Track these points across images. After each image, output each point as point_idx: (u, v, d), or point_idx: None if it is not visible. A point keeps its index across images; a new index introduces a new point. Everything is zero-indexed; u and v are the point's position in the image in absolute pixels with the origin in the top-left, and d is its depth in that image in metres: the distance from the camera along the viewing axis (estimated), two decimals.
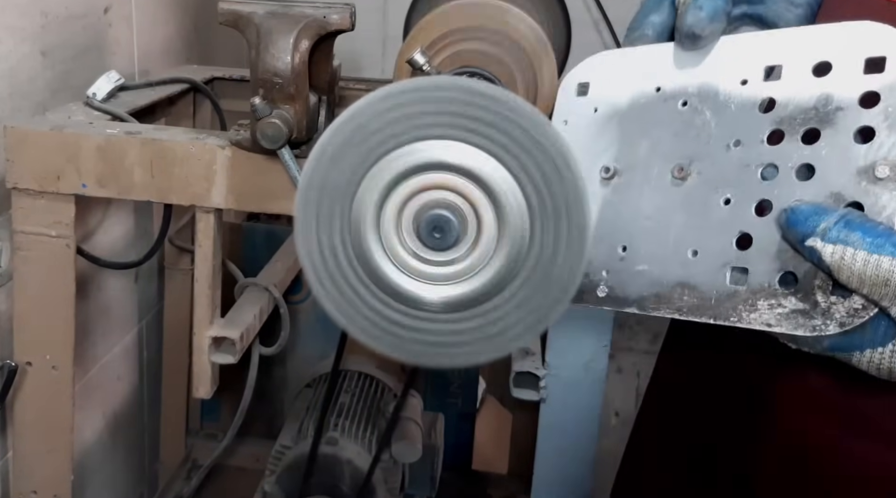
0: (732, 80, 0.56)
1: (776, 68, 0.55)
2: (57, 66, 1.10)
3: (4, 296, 1.02)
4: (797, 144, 0.53)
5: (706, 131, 0.57)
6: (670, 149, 0.58)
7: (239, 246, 1.56)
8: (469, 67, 0.92)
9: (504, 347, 0.52)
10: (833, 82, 0.52)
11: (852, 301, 0.47)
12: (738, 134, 0.55)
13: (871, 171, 0.48)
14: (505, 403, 1.70)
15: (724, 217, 0.55)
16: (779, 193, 0.53)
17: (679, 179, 0.57)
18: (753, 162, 0.54)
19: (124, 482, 1.49)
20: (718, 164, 0.56)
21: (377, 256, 0.51)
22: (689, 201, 0.57)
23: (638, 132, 0.60)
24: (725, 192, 0.55)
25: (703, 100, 0.57)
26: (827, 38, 0.53)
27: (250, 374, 1.18)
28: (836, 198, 0.50)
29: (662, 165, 0.58)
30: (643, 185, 0.59)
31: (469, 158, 0.48)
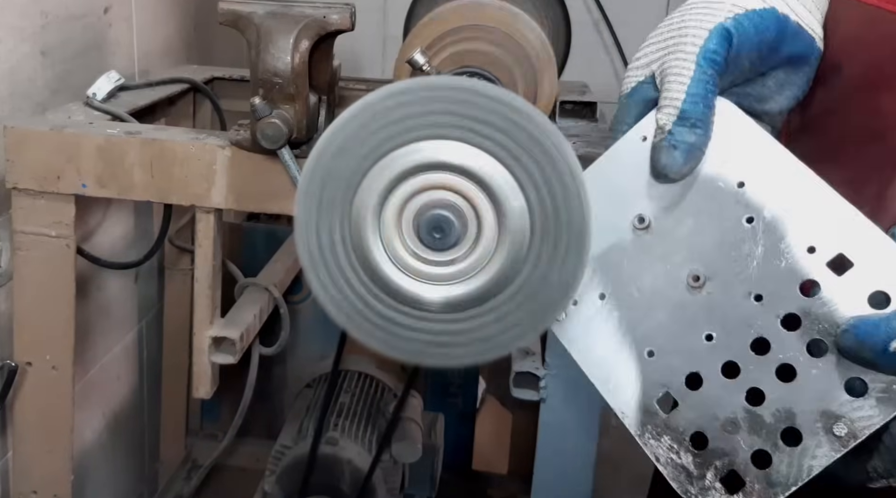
0: (801, 243, 0.51)
1: (846, 262, 0.50)
2: (57, 66, 1.10)
3: (4, 296, 1.02)
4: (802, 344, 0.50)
5: (745, 263, 0.52)
6: (704, 249, 0.54)
7: (239, 246, 1.56)
8: (469, 67, 0.92)
9: (504, 347, 0.52)
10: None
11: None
12: (765, 291, 0.52)
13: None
14: (505, 403, 1.69)
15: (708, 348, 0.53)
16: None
17: (694, 288, 0.54)
18: (757, 325, 0.52)
19: (124, 482, 1.49)
20: (730, 301, 0.53)
21: (377, 256, 0.51)
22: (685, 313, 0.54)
23: (692, 207, 0.54)
24: (714, 328, 0.53)
25: (768, 232, 0.52)
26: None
27: (250, 374, 1.18)
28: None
29: (686, 260, 0.54)
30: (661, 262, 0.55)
31: (470, 159, 0.48)
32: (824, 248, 0.50)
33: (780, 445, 0.50)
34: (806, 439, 0.49)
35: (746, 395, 0.51)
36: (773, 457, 0.50)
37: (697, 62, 0.53)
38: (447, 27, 0.95)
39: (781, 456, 0.50)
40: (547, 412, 1.12)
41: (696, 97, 0.52)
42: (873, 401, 0.48)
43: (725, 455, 0.51)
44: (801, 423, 0.50)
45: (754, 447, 0.51)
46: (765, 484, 0.50)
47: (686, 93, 0.52)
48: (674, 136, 0.52)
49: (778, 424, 0.50)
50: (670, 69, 0.54)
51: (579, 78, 1.38)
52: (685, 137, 0.52)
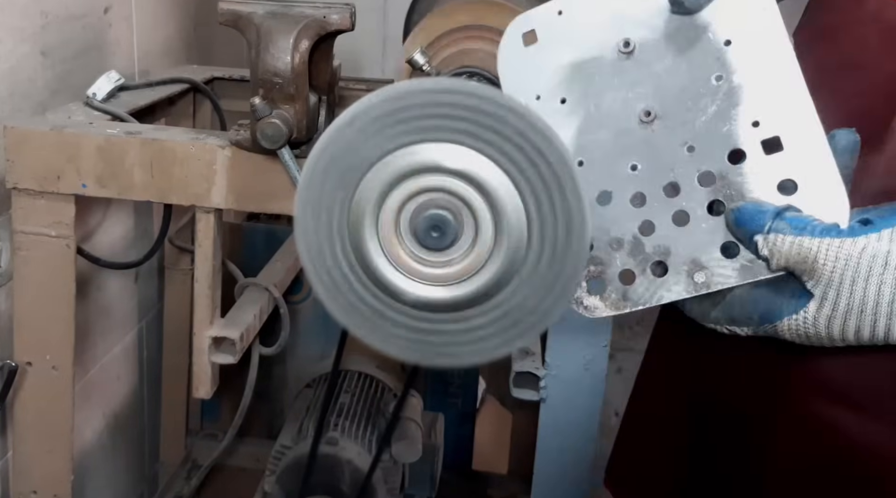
0: (749, 115, 0.55)
1: (778, 146, 0.55)
2: (57, 66, 1.10)
3: (4, 296, 1.02)
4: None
5: (695, 115, 0.56)
6: (668, 90, 0.57)
7: (239, 246, 1.56)
8: (469, 67, 0.92)
9: (502, 347, 0.52)
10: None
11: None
12: (699, 144, 0.56)
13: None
14: (505, 403, 1.70)
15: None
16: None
17: (643, 122, 0.57)
18: (678, 171, 0.56)
19: (124, 482, 1.49)
20: (667, 143, 0.57)
21: (375, 256, 0.51)
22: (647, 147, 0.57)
23: (676, 47, 0.57)
24: (642, 160, 0.57)
25: (728, 95, 0.55)
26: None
27: (250, 374, 1.18)
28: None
29: (648, 94, 0.57)
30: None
31: (467, 162, 0.49)
32: (767, 126, 0.54)
33: (647, 272, 0.57)
34: (669, 275, 0.56)
35: (640, 224, 0.57)
36: (637, 279, 0.57)
37: None
38: (447, 27, 0.95)
39: (643, 280, 0.57)
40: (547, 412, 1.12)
41: None
42: (737, 265, 0.55)
43: (601, 263, 0.58)
44: (672, 261, 0.56)
45: (626, 266, 0.57)
46: (620, 296, 0.58)
47: None
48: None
49: (653, 255, 0.57)
50: None
51: None
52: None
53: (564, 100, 0.58)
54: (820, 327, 0.52)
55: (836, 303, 0.51)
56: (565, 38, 0.58)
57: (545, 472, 1.17)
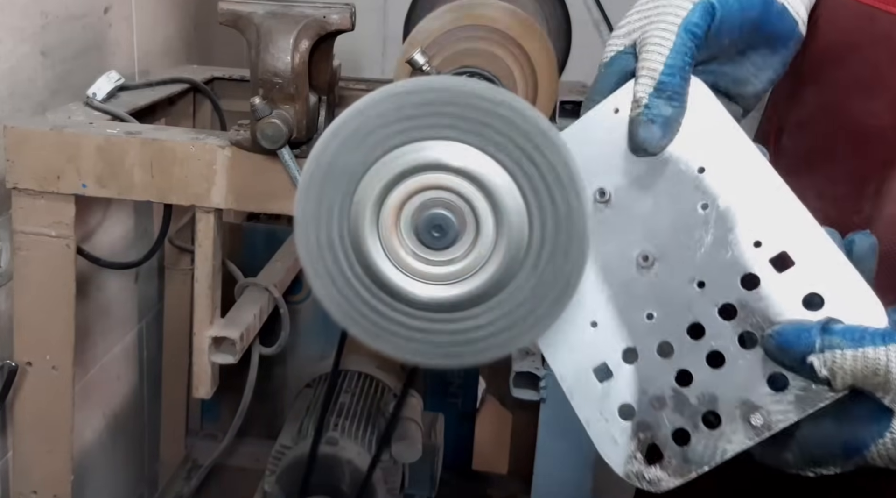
0: (749, 236, 0.52)
1: (788, 261, 0.51)
2: (57, 66, 1.10)
3: (4, 296, 1.02)
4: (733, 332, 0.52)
5: (693, 249, 0.53)
6: (658, 230, 0.54)
7: (239, 246, 1.56)
8: (469, 67, 0.92)
9: (503, 347, 0.52)
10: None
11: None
12: (708, 278, 0.53)
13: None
14: (505, 403, 1.70)
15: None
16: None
17: (642, 267, 0.54)
18: (695, 310, 0.53)
19: (124, 482, 1.49)
20: (674, 284, 0.53)
21: (376, 255, 0.51)
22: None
23: (652, 186, 0.54)
24: (655, 307, 0.54)
25: (720, 221, 0.53)
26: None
27: (250, 374, 1.18)
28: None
29: (640, 239, 0.54)
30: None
31: (468, 160, 0.48)
32: (770, 244, 0.51)
33: (700, 427, 0.52)
34: (724, 424, 0.51)
35: (676, 375, 0.53)
36: (692, 436, 0.52)
37: (678, 34, 0.52)
38: (447, 27, 0.95)
39: (699, 436, 0.52)
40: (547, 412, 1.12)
41: (673, 69, 0.52)
42: (791, 397, 0.50)
43: (649, 429, 0.53)
44: (722, 408, 0.52)
45: (676, 425, 0.53)
46: (681, 460, 0.52)
47: (665, 64, 0.52)
48: (650, 110, 0.52)
49: (700, 407, 0.52)
50: (650, 39, 0.53)
51: (579, 78, 1.38)
52: (662, 110, 0.52)
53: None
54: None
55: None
56: None
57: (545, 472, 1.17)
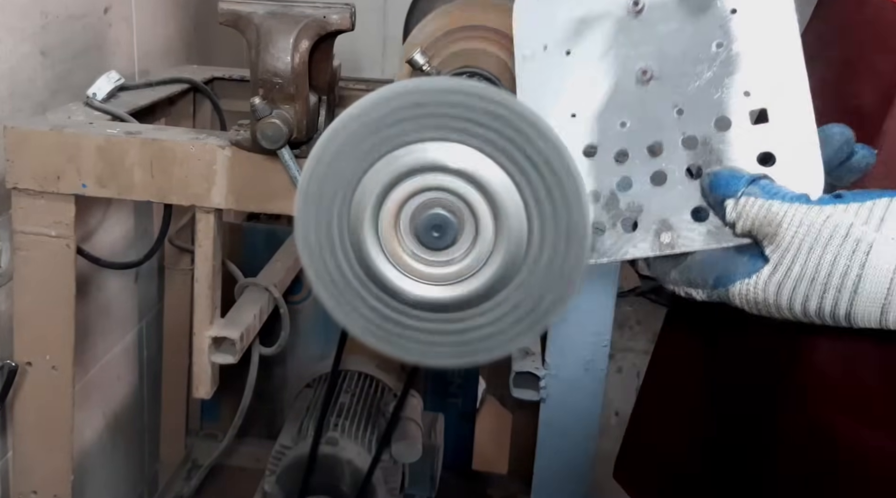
0: (742, 84, 0.56)
1: (765, 118, 0.55)
2: (57, 66, 1.10)
3: (4, 296, 1.02)
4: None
5: (689, 79, 0.57)
6: (669, 53, 0.57)
7: (239, 246, 1.56)
8: (469, 68, 0.92)
9: (502, 347, 0.52)
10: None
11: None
12: (688, 108, 0.56)
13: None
14: (505, 403, 1.70)
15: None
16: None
17: (639, 81, 0.58)
18: (664, 132, 0.57)
19: (124, 482, 1.49)
20: (658, 104, 0.57)
21: (375, 256, 0.51)
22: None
23: (682, 12, 0.57)
24: (631, 118, 0.58)
25: (725, 63, 0.56)
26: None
27: (250, 374, 1.18)
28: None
29: (649, 54, 0.58)
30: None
31: (468, 161, 0.49)
32: (756, 97, 0.55)
33: (618, 227, 0.57)
34: (638, 231, 0.57)
35: (619, 179, 0.57)
36: (606, 232, 0.58)
37: None
38: (448, 27, 0.95)
39: (612, 233, 0.58)
40: (547, 412, 1.12)
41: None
42: (704, 230, 0.55)
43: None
44: (643, 219, 0.57)
45: (598, 219, 0.58)
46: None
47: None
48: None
49: (626, 212, 0.57)
50: None
51: None
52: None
53: (569, 52, 0.59)
54: (769, 293, 0.51)
55: (789, 268, 0.50)
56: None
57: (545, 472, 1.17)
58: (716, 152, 0.55)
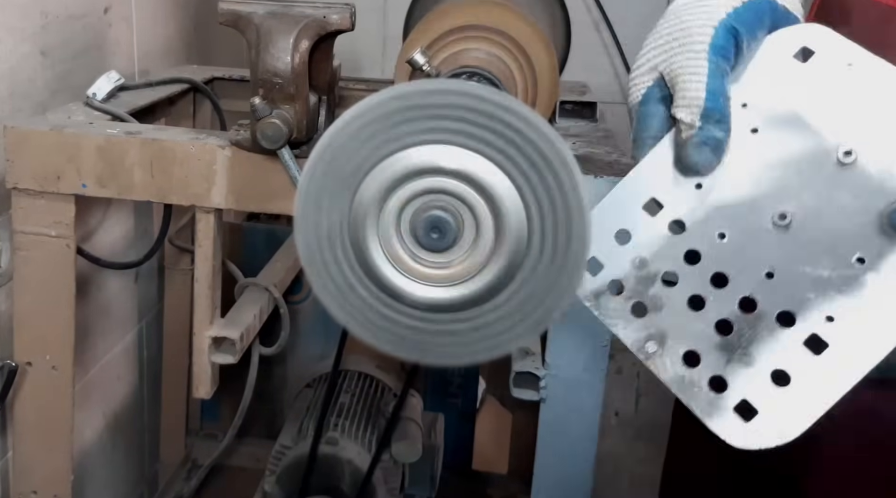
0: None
1: None
2: (57, 66, 1.10)
3: (4, 296, 1.02)
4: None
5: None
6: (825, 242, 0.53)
7: (239, 246, 1.56)
8: (469, 68, 0.92)
9: (502, 347, 0.52)
10: None
11: None
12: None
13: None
14: (505, 403, 1.70)
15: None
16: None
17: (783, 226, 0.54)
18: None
19: (124, 482, 1.49)
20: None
21: (376, 257, 0.51)
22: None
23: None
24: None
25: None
26: None
27: (250, 374, 1.18)
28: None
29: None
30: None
31: (468, 163, 0.49)
32: (828, 330, 0.51)
33: (630, 302, 0.56)
34: (639, 321, 0.55)
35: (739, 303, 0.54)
36: (619, 297, 0.57)
37: (709, 58, 0.53)
38: (447, 27, 0.95)
39: (621, 302, 0.56)
40: (547, 412, 1.12)
41: (716, 94, 0.53)
42: (678, 374, 0.54)
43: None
44: (650, 317, 0.55)
45: (625, 279, 0.56)
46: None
47: (706, 90, 0.53)
48: (703, 131, 0.53)
49: (646, 300, 0.56)
50: (682, 69, 0.54)
51: (579, 78, 1.38)
52: (713, 133, 0.53)
53: (756, 130, 0.55)
54: None
55: None
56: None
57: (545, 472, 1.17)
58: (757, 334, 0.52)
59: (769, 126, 0.54)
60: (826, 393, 0.51)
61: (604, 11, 1.84)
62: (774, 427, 0.51)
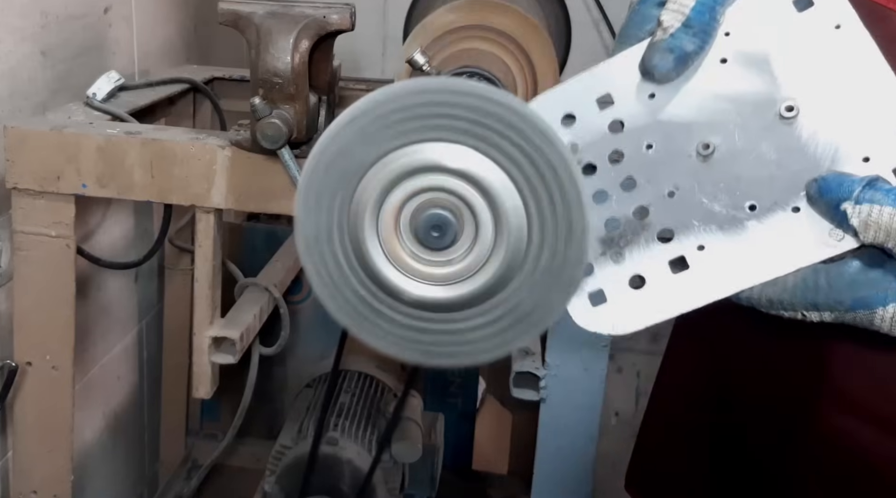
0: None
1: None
2: (57, 66, 1.10)
3: (4, 296, 1.02)
4: None
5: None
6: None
7: (239, 246, 1.56)
8: (469, 67, 0.92)
9: (502, 347, 0.52)
10: None
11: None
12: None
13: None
14: (505, 403, 1.70)
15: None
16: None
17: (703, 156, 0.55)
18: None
19: (124, 482, 1.49)
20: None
21: (375, 256, 0.51)
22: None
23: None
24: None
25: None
26: None
27: (250, 374, 1.18)
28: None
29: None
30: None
31: (466, 161, 0.48)
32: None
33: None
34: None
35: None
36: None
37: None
38: (447, 27, 0.95)
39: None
40: (547, 412, 1.12)
41: (705, 7, 0.52)
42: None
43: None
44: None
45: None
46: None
47: (696, 1, 0.52)
48: (674, 39, 0.53)
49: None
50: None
51: None
52: (684, 44, 0.53)
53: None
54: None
55: None
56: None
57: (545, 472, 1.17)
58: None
59: (737, 60, 0.55)
60: (665, 308, 0.54)
61: (604, 11, 1.84)
62: (613, 319, 0.56)
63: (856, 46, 0.53)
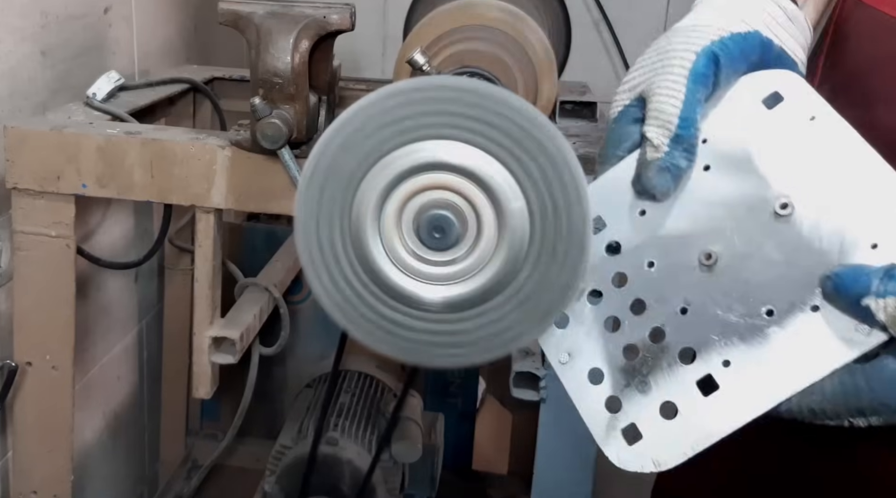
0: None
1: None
2: (57, 66, 1.10)
3: (4, 296, 1.02)
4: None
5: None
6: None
7: (239, 246, 1.56)
8: (469, 67, 0.92)
9: (503, 347, 0.52)
10: None
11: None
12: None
13: None
14: (505, 403, 1.70)
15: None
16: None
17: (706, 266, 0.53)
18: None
19: (124, 482, 1.49)
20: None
21: (377, 256, 0.51)
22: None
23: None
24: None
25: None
26: None
27: (250, 374, 1.18)
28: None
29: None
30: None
31: (470, 159, 0.48)
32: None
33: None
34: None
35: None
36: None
37: (687, 85, 0.52)
38: (447, 27, 0.95)
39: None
40: (547, 412, 1.12)
41: (689, 122, 0.52)
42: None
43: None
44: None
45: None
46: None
47: (680, 117, 0.52)
48: (669, 156, 0.52)
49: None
50: (660, 89, 0.53)
51: (579, 78, 1.38)
52: (678, 161, 0.52)
53: (707, 168, 0.54)
54: None
55: None
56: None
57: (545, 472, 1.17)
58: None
59: (720, 165, 0.54)
60: (704, 435, 0.51)
61: (604, 11, 1.84)
62: (653, 455, 0.52)
63: (834, 134, 0.51)
